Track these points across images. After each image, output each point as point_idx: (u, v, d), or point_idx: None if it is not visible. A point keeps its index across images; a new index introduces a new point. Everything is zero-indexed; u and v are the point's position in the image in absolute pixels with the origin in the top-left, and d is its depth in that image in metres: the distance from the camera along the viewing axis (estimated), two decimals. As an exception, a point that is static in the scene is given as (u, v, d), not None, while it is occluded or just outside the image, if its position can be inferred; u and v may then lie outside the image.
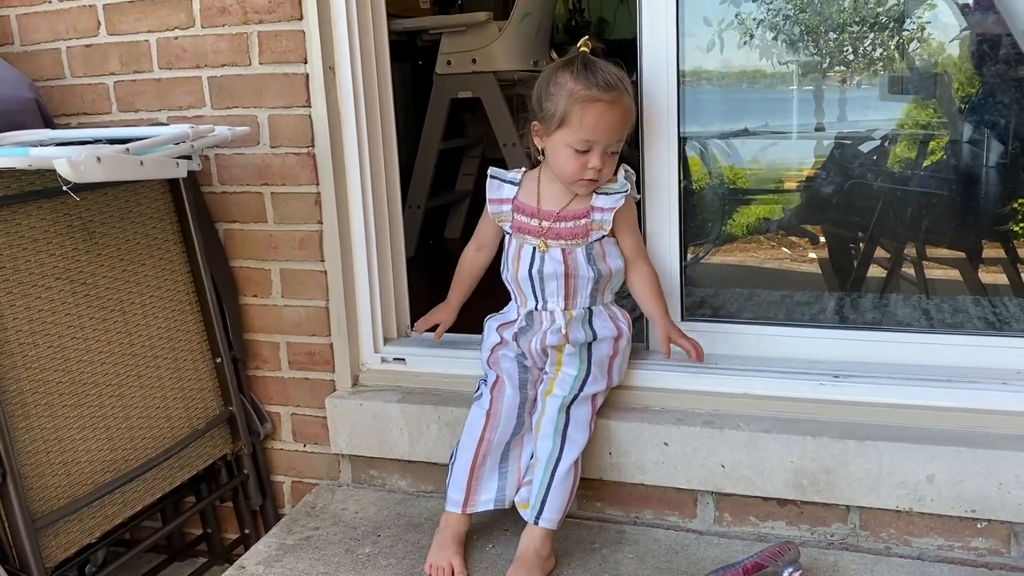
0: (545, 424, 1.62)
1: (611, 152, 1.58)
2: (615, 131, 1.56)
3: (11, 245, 1.54)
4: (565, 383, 1.64)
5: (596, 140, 1.54)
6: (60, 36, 2.00)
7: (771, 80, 1.98)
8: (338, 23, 1.84)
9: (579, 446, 1.62)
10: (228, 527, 2.11)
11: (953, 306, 1.94)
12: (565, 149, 1.57)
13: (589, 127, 1.53)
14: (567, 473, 1.59)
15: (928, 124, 2.04)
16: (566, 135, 1.55)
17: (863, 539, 1.61)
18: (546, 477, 1.58)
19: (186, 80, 1.93)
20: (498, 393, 1.67)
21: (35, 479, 1.53)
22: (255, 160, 1.92)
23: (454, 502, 1.63)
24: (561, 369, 1.66)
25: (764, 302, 2.08)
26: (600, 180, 1.60)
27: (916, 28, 1.92)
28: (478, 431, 1.64)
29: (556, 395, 1.64)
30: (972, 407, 1.58)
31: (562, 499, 1.58)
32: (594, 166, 1.56)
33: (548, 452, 1.60)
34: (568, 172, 1.59)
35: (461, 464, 1.64)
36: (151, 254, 1.81)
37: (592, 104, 1.52)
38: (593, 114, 1.52)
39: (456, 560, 1.59)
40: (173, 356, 1.84)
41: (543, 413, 1.64)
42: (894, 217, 2.08)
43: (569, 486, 1.60)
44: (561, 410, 1.62)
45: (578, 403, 1.63)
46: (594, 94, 1.52)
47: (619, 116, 1.55)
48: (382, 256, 1.98)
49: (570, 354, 1.66)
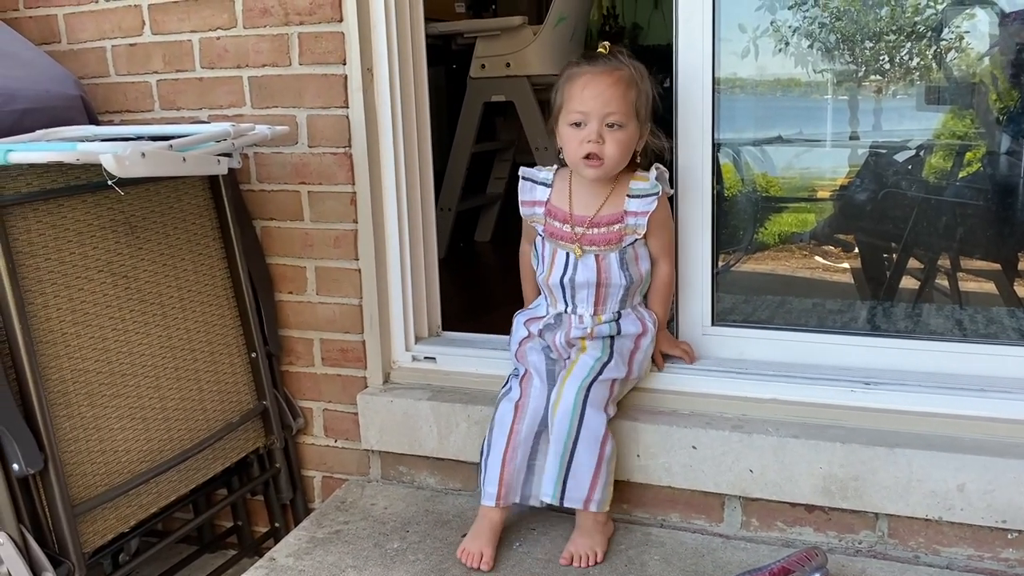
0: (562, 406, 1.61)
1: (610, 126, 1.58)
2: (605, 100, 1.56)
3: (56, 237, 1.59)
4: (585, 365, 1.65)
5: (587, 110, 1.57)
6: (105, 35, 2.05)
7: (806, 88, 1.98)
8: (377, 25, 1.87)
9: (596, 427, 1.61)
10: (258, 520, 2.14)
11: (987, 317, 1.92)
12: (566, 130, 1.61)
13: (577, 96, 1.58)
14: (588, 450, 1.59)
15: (965, 135, 2.03)
16: (565, 116, 1.61)
17: (891, 547, 1.61)
18: (564, 457, 1.58)
19: (227, 79, 1.96)
20: (527, 385, 1.69)
21: (74, 466, 1.56)
22: (293, 159, 1.95)
23: (488, 495, 1.64)
24: (582, 355, 1.67)
25: (795, 309, 2.07)
26: (605, 160, 1.59)
27: (954, 37, 1.91)
28: (508, 424, 1.66)
29: (576, 376, 1.63)
30: (1004, 417, 1.57)
31: (586, 476, 1.58)
32: (589, 137, 1.57)
33: (565, 433, 1.59)
34: (570, 150, 1.61)
35: (494, 457, 1.65)
36: (190, 249, 1.85)
37: (579, 76, 1.59)
38: (579, 84, 1.58)
39: (488, 550, 1.61)
40: (210, 350, 1.87)
41: (559, 396, 1.62)
42: (928, 227, 2.07)
43: (594, 463, 1.59)
44: (580, 391, 1.61)
45: (596, 384, 1.63)
46: (582, 69, 1.59)
47: (607, 84, 1.57)
48: (415, 256, 2.00)
49: (593, 342, 1.68)
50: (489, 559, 1.60)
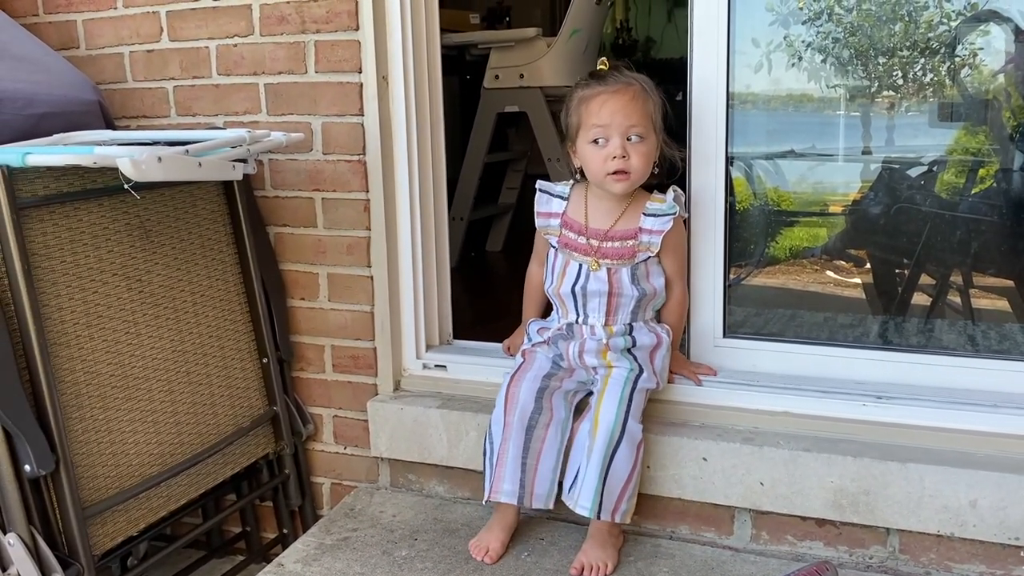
0: (604, 421, 1.60)
1: (634, 140, 1.60)
2: (625, 113, 1.59)
3: (72, 240, 1.60)
4: (620, 378, 1.66)
5: (607, 124, 1.59)
6: (123, 41, 2.06)
7: (819, 103, 1.98)
8: (393, 34, 1.88)
9: (635, 437, 1.61)
10: (267, 526, 2.14)
11: (1000, 333, 1.91)
12: (588, 148, 1.63)
13: (595, 114, 1.60)
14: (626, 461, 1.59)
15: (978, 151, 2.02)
16: (584, 135, 1.63)
17: (902, 563, 1.60)
18: (603, 471, 1.57)
19: (243, 86, 1.98)
20: (516, 377, 1.70)
21: (86, 468, 1.57)
22: (307, 166, 1.96)
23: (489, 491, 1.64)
24: (613, 369, 1.68)
25: (807, 323, 2.07)
26: (632, 173, 1.61)
27: (968, 54, 1.91)
28: (501, 417, 1.66)
29: (613, 390, 1.64)
30: (1017, 433, 1.56)
31: (618, 485, 1.58)
32: (613, 153, 1.59)
33: (605, 445, 1.58)
34: (595, 169, 1.63)
35: (490, 453, 1.66)
36: (204, 254, 1.86)
37: (595, 97, 1.61)
38: (597, 104, 1.60)
39: (495, 544, 1.65)
40: (221, 355, 1.88)
41: (600, 410, 1.62)
42: (941, 243, 2.06)
43: (628, 472, 1.59)
44: (622, 403, 1.62)
45: (635, 395, 1.64)
46: (595, 90, 1.62)
47: (625, 100, 1.59)
48: (427, 264, 2.00)
49: (616, 357, 1.68)
50: (496, 551, 1.65)
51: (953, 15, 1.86)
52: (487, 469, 1.66)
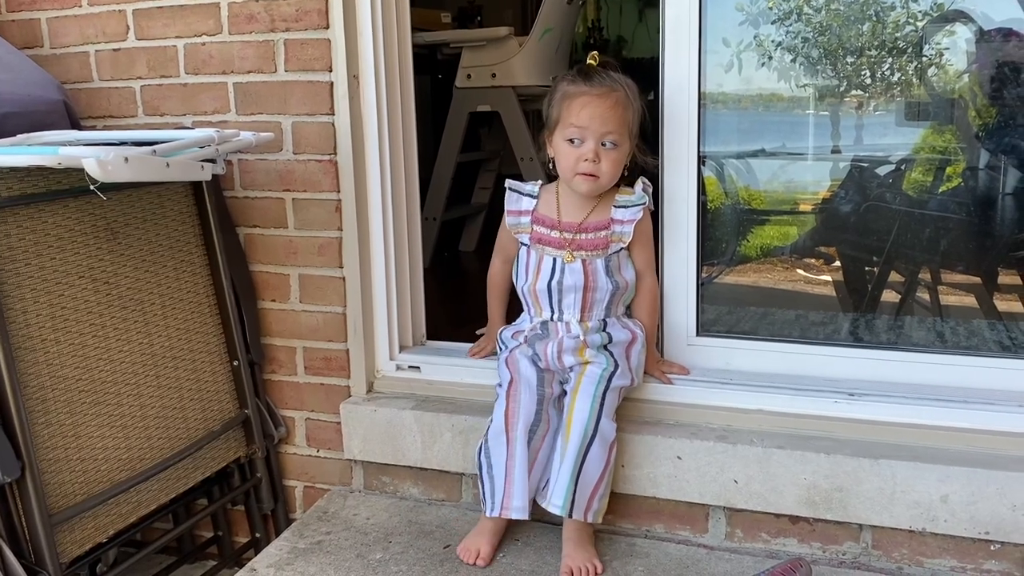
0: (576, 419, 1.61)
1: (608, 146, 1.61)
2: (604, 120, 1.60)
3: (37, 243, 1.57)
4: (594, 376, 1.65)
5: (585, 127, 1.60)
6: (89, 40, 2.03)
7: (789, 102, 1.99)
8: (363, 33, 1.86)
9: (608, 436, 1.62)
10: (239, 530, 2.12)
11: (968, 329, 1.94)
12: (562, 145, 1.64)
13: (575, 115, 1.60)
14: (598, 459, 1.59)
15: (945, 150, 2.04)
16: (561, 131, 1.63)
17: (875, 558, 1.61)
18: (576, 469, 1.57)
19: (212, 86, 1.95)
20: (513, 392, 1.68)
21: (52, 474, 1.54)
22: (278, 166, 1.94)
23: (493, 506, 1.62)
24: (588, 366, 1.68)
25: (779, 321, 2.08)
26: (601, 177, 1.62)
27: (934, 54, 1.92)
28: (502, 432, 1.65)
29: (586, 388, 1.64)
30: (987, 428, 1.58)
31: (591, 484, 1.58)
32: (586, 156, 1.60)
33: (578, 445, 1.59)
34: (566, 166, 1.64)
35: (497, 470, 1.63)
36: (173, 256, 1.83)
37: (579, 97, 1.61)
38: (579, 104, 1.61)
39: (487, 547, 1.64)
40: (191, 357, 1.85)
41: (573, 409, 1.63)
42: (910, 241, 2.08)
43: (600, 471, 1.59)
44: (595, 401, 1.62)
45: (609, 394, 1.64)
46: (581, 89, 1.62)
47: (607, 106, 1.60)
48: (400, 265, 1.99)
49: (593, 353, 1.68)
50: (486, 555, 1.63)
51: (920, 15, 1.88)
52: (487, 483, 1.63)
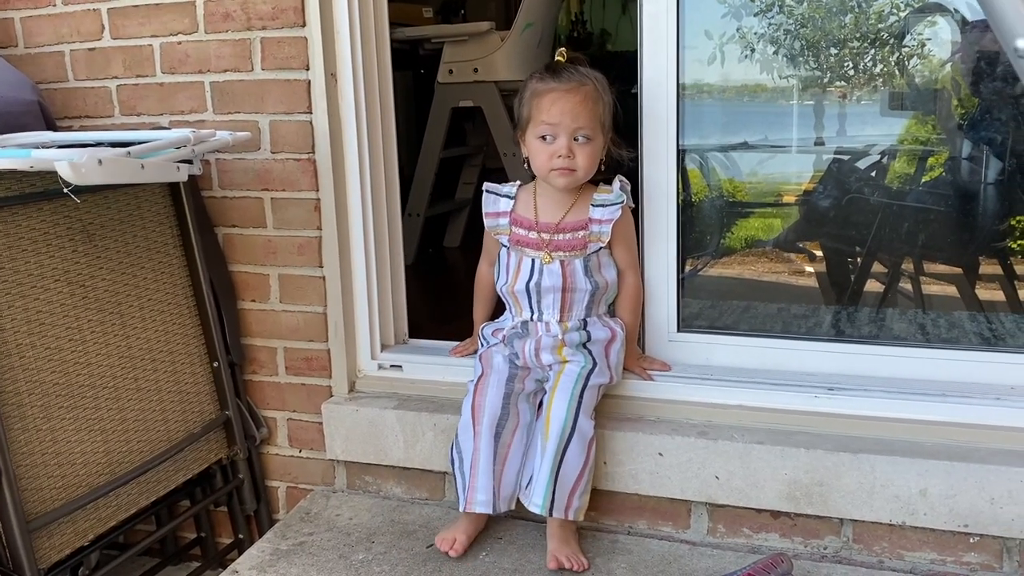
0: (555, 417, 1.61)
1: (580, 140, 1.61)
2: (575, 115, 1.60)
3: (11, 246, 1.55)
4: (572, 374, 1.66)
5: (556, 123, 1.60)
6: (63, 39, 2.01)
7: (771, 94, 1.99)
8: (340, 30, 1.85)
9: (587, 434, 1.62)
10: (222, 532, 2.11)
11: (949, 321, 1.94)
12: (535, 143, 1.64)
13: (546, 111, 1.60)
14: (577, 457, 1.59)
15: (927, 140, 2.05)
16: (533, 129, 1.63)
17: (856, 552, 1.61)
18: (555, 468, 1.57)
19: (188, 85, 1.94)
20: (481, 385, 1.69)
21: (30, 480, 1.53)
22: (256, 165, 1.93)
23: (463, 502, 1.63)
24: (566, 365, 1.68)
25: (760, 315, 2.08)
26: (576, 171, 1.62)
27: (916, 44, 1.93)
28: (469, 427, 1.66)
29: (564, 386, 1.64)
30: (966, 422, 1.58)
31: (570, 482, 1.58)
32: (559, 152, 1.60)
33: (556, 442, 1.59)
34: (540, 163, 1.64)
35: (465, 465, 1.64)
36: (150, 257, 1.82)
37: (548, 93, 1.61)
38: (548, 101, 1.60)
39: (462, 537, 1.64)
40: (170, 359, 1.84)
41: (551, 407, 1.63)
42: (892, 232, 2.09)
43: (579, 469, 1.59)
44: (572, 399, 1.62)
45: (587, 392, 1.64)
46: (550, 85, 1.61)
47: (576, 101, 1.60)
48: (381, 263, 1.98)
49: (572, 352, 1.68)
50: (461, 545, 1.64)
51: (902, 6, 1.88)
52: (458, 479, 1.65)
